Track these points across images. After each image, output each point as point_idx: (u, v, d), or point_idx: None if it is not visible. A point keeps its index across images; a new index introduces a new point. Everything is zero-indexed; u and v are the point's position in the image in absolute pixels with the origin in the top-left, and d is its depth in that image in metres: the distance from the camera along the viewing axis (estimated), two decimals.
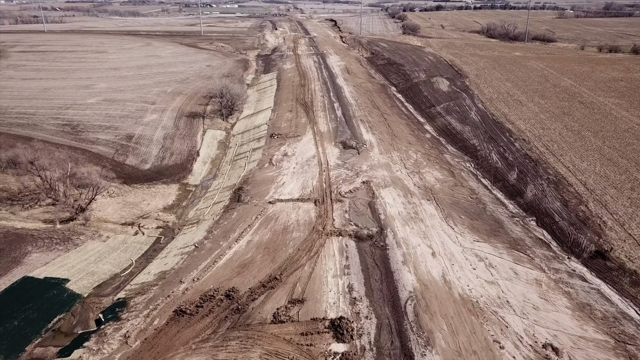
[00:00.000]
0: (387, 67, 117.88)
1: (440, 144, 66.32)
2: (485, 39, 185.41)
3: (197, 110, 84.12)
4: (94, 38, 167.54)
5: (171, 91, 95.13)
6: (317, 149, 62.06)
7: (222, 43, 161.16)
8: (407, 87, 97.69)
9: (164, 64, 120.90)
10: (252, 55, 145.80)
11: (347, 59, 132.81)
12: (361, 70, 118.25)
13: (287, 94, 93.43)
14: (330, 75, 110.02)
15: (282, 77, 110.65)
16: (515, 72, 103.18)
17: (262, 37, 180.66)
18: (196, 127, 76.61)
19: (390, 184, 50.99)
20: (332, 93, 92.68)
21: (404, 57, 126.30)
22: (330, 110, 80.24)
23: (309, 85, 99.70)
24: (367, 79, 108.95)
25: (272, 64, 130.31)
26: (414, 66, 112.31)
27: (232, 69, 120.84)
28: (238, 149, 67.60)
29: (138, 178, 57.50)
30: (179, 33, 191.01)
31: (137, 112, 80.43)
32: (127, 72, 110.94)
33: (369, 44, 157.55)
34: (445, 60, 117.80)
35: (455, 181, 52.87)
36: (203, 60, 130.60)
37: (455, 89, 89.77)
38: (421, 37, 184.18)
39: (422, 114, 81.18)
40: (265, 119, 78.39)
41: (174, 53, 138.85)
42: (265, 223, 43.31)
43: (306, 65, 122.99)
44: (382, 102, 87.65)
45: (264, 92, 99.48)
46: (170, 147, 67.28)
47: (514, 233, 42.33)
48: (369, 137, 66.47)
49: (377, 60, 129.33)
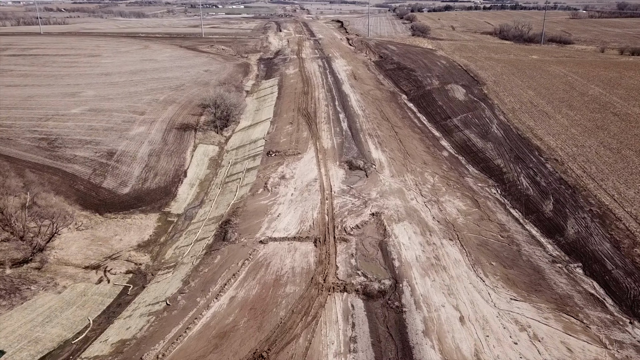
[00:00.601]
0: (396, 73, 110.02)
1: (460, 164, 58.35)
2: (498, 41, 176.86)
3: (189, 122, 76.87)
4: (90, 40, 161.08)
5: (163, 99, 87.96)
6: (319, 170, 54.45)
7: (223, 46, 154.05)
8: (419, 95, 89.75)
9: (159, 69, 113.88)
10: (253, 59, 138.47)
11: (353, 63, 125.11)
12: (369, 76, 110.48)
13: (288, 103, 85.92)
14: (335, 81, 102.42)
15: (284, 83, 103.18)
16: (537, 79, 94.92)
17: (265, 39, 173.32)
18: (186, 142, 69.29)
19: (405, 217, 43.26)
20: (338, 102, 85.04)
21: (414, 61, 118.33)
22: (335, 122, 72.60)
23: (312, 92, 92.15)
24: (376, 85, 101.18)
25: (274, 68, 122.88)
26: (426, 71, 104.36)
27: (231, 74, 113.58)
28: (231, 168, 60.13)
29: (114, 205, 50.17)
30: (179, 35, 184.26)
31: (123, 124, 73.27)
32: (118, 78, 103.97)
33: (377, 46, 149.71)
34: (460, 65, 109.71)
35: (480, 213, 44.98)
36: (201, 64, 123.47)
37: (472, 98, 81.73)
38: (431, 39, 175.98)
39: (437, 126, 73.21)
40: (263, 133, 70.89)
41: (172, 57, 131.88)
42: (253, 271, 35.74)
43: (310, 70, 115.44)
44: (392, 113, 79.82)
45: (263, 100, 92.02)
46: (154, 167, 59.95)
47: (559, 287, 34.41)
48: (379, 156, 58.73)
49: (386, 64, 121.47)
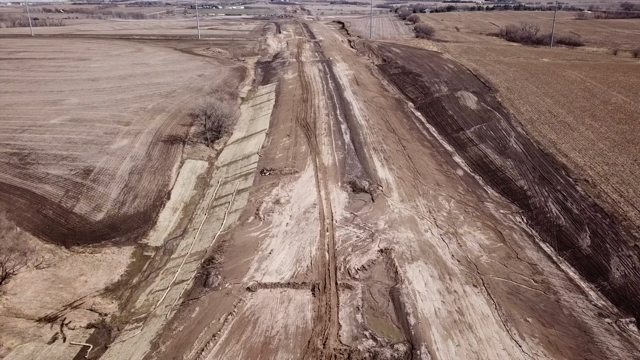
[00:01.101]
0: (402, 78, 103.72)
1: (478, 185, 51.97)
2: (506, 43, 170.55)
3: (177, 133, 70.63)
4: (81, 43, 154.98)
5: (152, 108, 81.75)
6: (318, 192, 48.14)
7: (220, 48, 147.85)
8: (427, 103, 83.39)
9: (150, 74, 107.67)
10: (251, 62, 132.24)
11: (356, 67, 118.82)
12: (372, 81, 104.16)
13: (286, 112, 79.63)
14: (337, 87, 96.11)
15: (282, 89, 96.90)
16: (553, 85, 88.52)
17: (264, 41, 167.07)
18: (173, 157, 63.04)
19: (419, 254, 36.93)
20: (339, 110, 78.74)
21: (420, 65, 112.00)
22: (337, 135, 66.31)
23: (312, 100, 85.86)
24: (380, 91, 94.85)
25: (272, 73, 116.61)
26: (433, 76, 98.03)
27: (226, 80, 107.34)
28: (220, 189, 53.81)
29: (84, 236, 43.89)
30: (175, 37, 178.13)
31: (105, 137, 67.04)
32: (106, 83, 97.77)
33: (380, 49, 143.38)
34: (469, 70, 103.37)
35: (507, 249, 38.62)
36: (195, 68, 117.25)
37: (485, 107, 75.36)
38: (436, 41, 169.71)
39: (448, 139, 66.80)
40: (257, 146, 64.60)
41: (165, 60, 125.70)
42: (238, 330, 29.43)
43: (310, 74, 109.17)
44: (398, 123, 73.47)
45: (259, 108, 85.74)
46: (135, 187, 53.66)
47: (612, 352, 28.08)
48: (386, 175, 52.39)
49: (389, 68, 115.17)
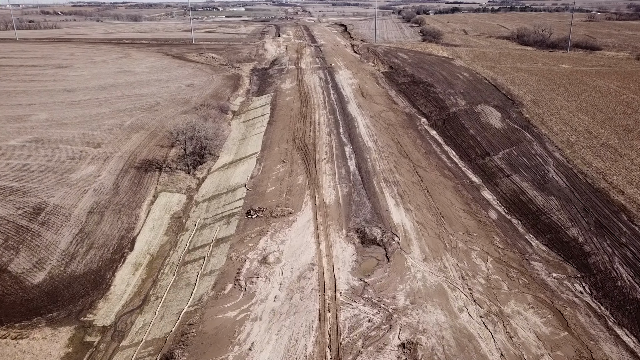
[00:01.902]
0: (411, 88, 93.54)
1: (517, 233, 41.63)
2: (519, 47, 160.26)
3: (155, 157, 60.63)
4: (66, 48, 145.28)
5: (130, 125, 71.81)
6: (318, 245, 37.99)
7: (214, 53, 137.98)
8: (443, 119, 73.14)
9: (133, 84, 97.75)
10: (246, 69, 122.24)
11: (360, 75, 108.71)
12: (379, 92, 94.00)
13: (281, 130, 69.53)
14: (339, 99, 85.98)
15: (279, 101, 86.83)
16: (584, 97, 78.23)
17: (262, 46, 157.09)
18: (145, 189, 52.96)
19: (456, 353, 26.73)
20: (343, 128, 68.65)
21: (431, 73, 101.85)
22: (340, 160, 56.17)
23: (311, 114, 75.78)
24: (388, 104, 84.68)
25: (268, 81, 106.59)
26: (447, 87, 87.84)
27: (217, 90, 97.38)
28: (196, 236, 43.66)
29: (12, 309, 33.77)
30: (167, 41, 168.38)
31: (69, 163, 57.05)
32: (83, 95, 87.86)
33: (385, 54, 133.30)
34: (486, 79, 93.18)
35: (575, 342, 28.30)
36: (185, 76, 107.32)
37: (512, 125, 65.12)
38: (445, 45, 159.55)
39: (472, 167, 56.47)
40: (245, 175, 54.46)
41: (152, 67, 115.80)
42: None
43: (310, 84, 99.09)
44: (412, 145, 63.25)
45: (252, 125, 75.64)
46: (92, 232, 43.56)
47: None
48: (402, 218, 42.20)
49: (397, 76, 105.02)
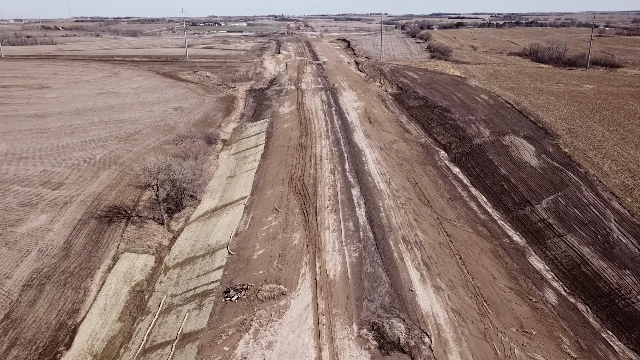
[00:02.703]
0: (425, 113, 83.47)
1: (590, 329, 30.71)
2: (534, 65, 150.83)
3: (123, 202, 50.34)
4: (50, 66, 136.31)
5: (101, 158, 61.78)
6: (319, 353, 27.33)
7: (209, 72, 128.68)
8: (466, 152, 62.79)
9: (114, 107, 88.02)
10: (242, 90, 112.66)
11: (366, 97, 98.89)
12: (388, 117, 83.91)
13: (277, 166, 59.26)
14: (344, 126, 75.91)
15: (276, 128, 76.80)
16: (627, 126, 67.95)
17: (260, 63, 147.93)
18: (104, 249, 42.49)
19: None
20: (349, 164, 58.40)
21: (445, 95, 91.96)
22: (347, 208, 45.72)
23: (312, 146, 65.62)
24: (399, 133, 74.49)
25: (265, 104, 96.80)
26: (466, 112, 77.77)
27: (208, 114, 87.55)
28: (158, 324, 32.93)
29: None
30: (161, 58, 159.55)
31: (17, 211, 46.87)
32: (55, 121, 78.08)
33: (392, 73, 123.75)
34: (508, 103, 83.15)
35: None
36: (174, 98, 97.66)
37: (550, 163, 54.68)
38: (455, 62, 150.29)
39: (510, 219, 45.73)
40: (229, 230, 43.97)
41: (139, 88, 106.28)
42: None
43: (311, 107, 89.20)
44: (433, 188, 52.70)
45: (243, 158, 65.41)
46: (21, 319, 32.96)
47: None
48: (431, 304, 31.45)
49: (408, 99, 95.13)
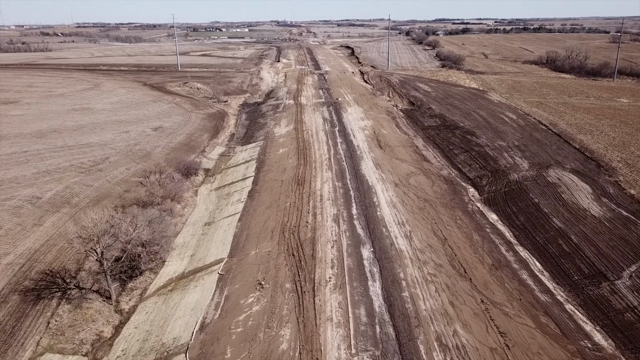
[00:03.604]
0: (444, 135, 71.41)
1: None
2: (554, 75, 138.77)
3: (63, 266, 38.35)
4: (28, 77, 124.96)
5: (52, 197, 49.94)
6: None
7: (200, 83, 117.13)
8: (502, 191, 50.51)
9: (85, 127, 76.34)
10: (234, 104, 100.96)
11: (374, 114, 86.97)
12: (401, 140, 71.84)
13: (266, 210, 47.16)
14: (349, 151, 63.90)
15: (268, 155, 64.86)
16: None
17: (257, 73, 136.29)
18: (15, 349, 30.44)
19: None
20: (357, 207, 46.32)
21: (465, 112, 79.96)
22: (357, 282, 33.51)
23: (311, 180, 53.58)
24: (416, 161, 62.30)
25: (259, 123, 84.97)
26: (494, 135, 65.72)
27: (192, 135, 75.80)
28: None
29: None
30: (150, 67, 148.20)
31: None
32: (8, 146, 66.31)
33: (402, 85, 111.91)
34: (542, 123, 71.08)
35: None
36: (156, 115, 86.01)
37: (617, 211, 42.41)
38: (469, 72, 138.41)
39: (583, 302, 33.07)
40: (193, 320, 31.80)
41: (119, 103, 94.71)
42: None
43: (311, 127, 77.28)
44: (468, 246, 40.33)
45: (226, 197, 53.32)
46: None
47: None
48: None
49: (422, 116, 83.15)
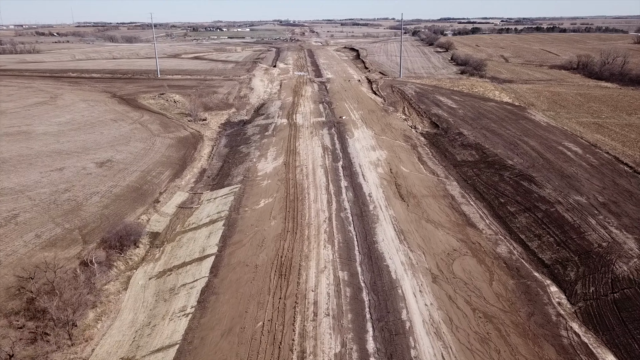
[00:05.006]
0: (486, 176, 52.07)
1: None
2: (594, 83, 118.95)
3: None
4: None
5: None
6: None
7: (179, 94, 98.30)
8: (609, 297, 31.28)
9: (7, 162, 57.33)
10: (214, 124, 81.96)
11: (388, 140, 67.82)
12: (428, 184, 52.40)
13: (221, 340, 28.00)
14: (358, 205, 44.67)
15: (244, 211, 45.73)
16: None
17: (248, 82, 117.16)
18: None
19: None
20: (374, 334, 27.42)
21: (510, 142, 60.76)
22: None
23: (301, 265, 34.54)
24: (456, 226, 42.82)
25: (240, 153, 65.87)
26: (564, 183, 46.53)
27: (149, 173, 56.87)
28: None
29: None
30: (127, 74, 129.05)
31: None
32: None
33: (419, 98, 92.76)
34: (622, 162, 51.84)
35: None
36: (109, 142, 67.17)
37: None
38: (494, 80, 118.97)
39: None
40: None
41: (69, 123, 75.93)
42: None
43: (307, 161, 58.11)
44: None
45: (168, 299, 34.10)
46: None
47: None
48: None
49: (450, 145, 63.93)
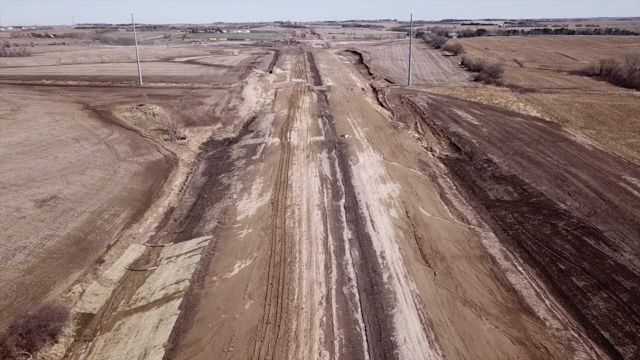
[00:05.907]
0: (532, 226, 40.05)
1: None
2: (625, 92, 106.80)
3: None
4: None
5: None
6: None
7: (159, 106, 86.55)
8: None
9: None
10: (194, 143, 70.09)
11: (400, 167, 55.87)
12: (458, 237, 40.27)
13: None
14: (366, 272, 32.72)
15: (211, 282, 33.74)
16: None
17: (239, 90, 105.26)
18: None
19: None
20: None
21: (555, 174, 48.85)
22: None
23: None
24: (505, 311, 30.67)
25: (219, 184, 53.95)
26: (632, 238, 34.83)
27: (100, 215, 44.98)
28: None
29: None
30: (107, 81, 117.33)
31: None
32: None
33: (433, 112, 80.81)
34: None
35: None
36: (62, 170, 55.31)
37: None
38: (513, 89, 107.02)
39: None
40: None
41: (19, 145, 64.11)
42: None
43: (300, 199, 46.16)
44: None
45: None
46: None
47: None
48: None
49: (478, 176, 51.94)
